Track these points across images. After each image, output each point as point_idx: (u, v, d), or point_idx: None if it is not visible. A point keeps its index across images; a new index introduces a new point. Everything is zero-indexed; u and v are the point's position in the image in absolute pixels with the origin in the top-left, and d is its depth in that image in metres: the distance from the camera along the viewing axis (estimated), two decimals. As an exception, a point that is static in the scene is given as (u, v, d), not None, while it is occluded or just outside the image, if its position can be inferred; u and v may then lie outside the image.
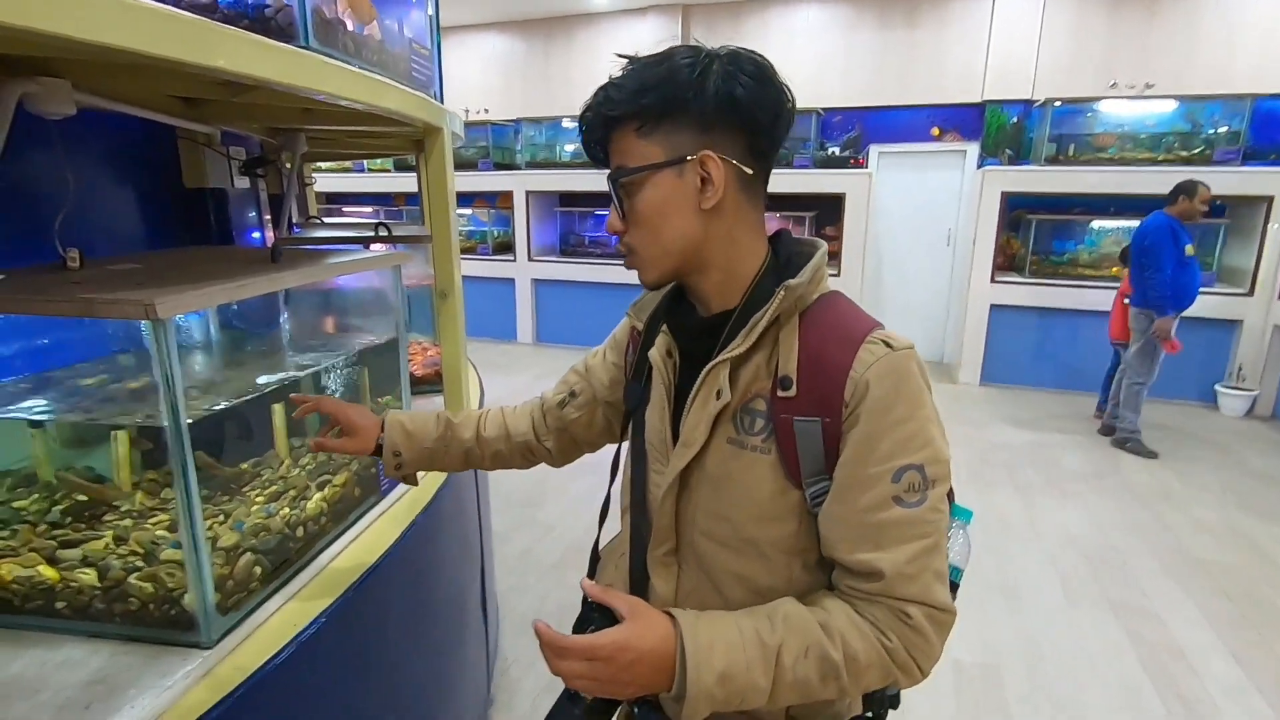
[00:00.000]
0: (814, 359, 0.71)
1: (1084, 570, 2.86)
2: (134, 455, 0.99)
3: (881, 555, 0.67)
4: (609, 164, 0.74)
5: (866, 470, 0.68)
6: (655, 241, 0.73)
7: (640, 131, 0.71)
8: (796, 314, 0.74)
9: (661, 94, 0.69)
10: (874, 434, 0.68)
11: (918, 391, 0.70)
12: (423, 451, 1.01)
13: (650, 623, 0.67)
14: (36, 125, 1.02)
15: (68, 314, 0.76)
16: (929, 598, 0.68)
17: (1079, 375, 5.27)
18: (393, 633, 1.24)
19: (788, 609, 0.69)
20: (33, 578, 0.90)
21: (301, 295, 1.54)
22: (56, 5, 0.59)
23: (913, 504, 0.68)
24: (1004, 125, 5.57)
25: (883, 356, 0.69)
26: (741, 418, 0.74)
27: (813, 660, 0.66)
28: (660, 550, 0.80)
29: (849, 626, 0.68)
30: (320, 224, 2.83)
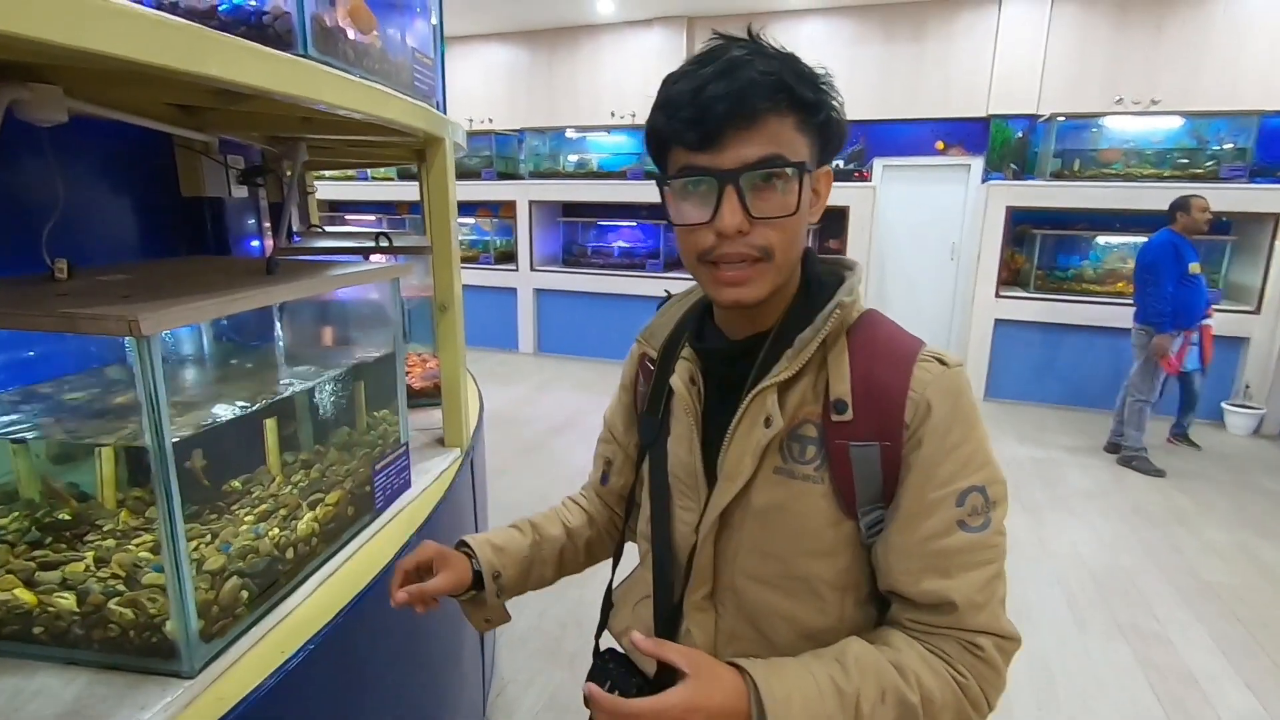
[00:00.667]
0: (867, 380, 0.67)
1: (1092, 591, 2.81)
2: (119, 473, 0.96)
3: (950, 584, 0.64)
4: (707, 141, 0.63)
5: (929, 495, 0.65)
6: (789, 248, 0.67)
7: (802, 125, 0.64)
8: (843, 333, 0.70)
9: (825, 95, 0.65)
10: (936, 456, 0.65)
11: (973, 409, 0.67)
12: (521, 564, 0.88)
13: (718, 678, 0.61)
14: (28, 132, 0.99)
15: (48, 329, 0.73)
16: (998, 627, 0.65)
17: (1084, 392, 5.23)
18: (386, 655, 1.20)
19: (857, 650, 0.64)
20: (9, 601, 0.86)
21: (299, 307, 1.51)
22: (42, 10, 0.57)
23: (977, 528, 0.65)
24: (1009, 140, 5.56)
25: (940, 374, 0.67)
26: (790, 445, 0.69)
27: (890, 705, 0.61)
28: (698, 594, 0.75)
29: (921, 665, 0.63)
30: (322, 233, 2.81)
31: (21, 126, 0.94)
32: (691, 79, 0.63)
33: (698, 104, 0.62)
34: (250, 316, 1.34)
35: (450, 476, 1.51)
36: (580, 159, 6.80)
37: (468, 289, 7.54)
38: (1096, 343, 5.12)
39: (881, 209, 5.96)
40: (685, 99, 0.62)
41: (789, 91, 0.62)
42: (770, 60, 0.63)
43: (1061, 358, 5.30)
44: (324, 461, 1.18)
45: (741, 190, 0.63)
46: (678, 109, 0.63)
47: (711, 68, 0.62)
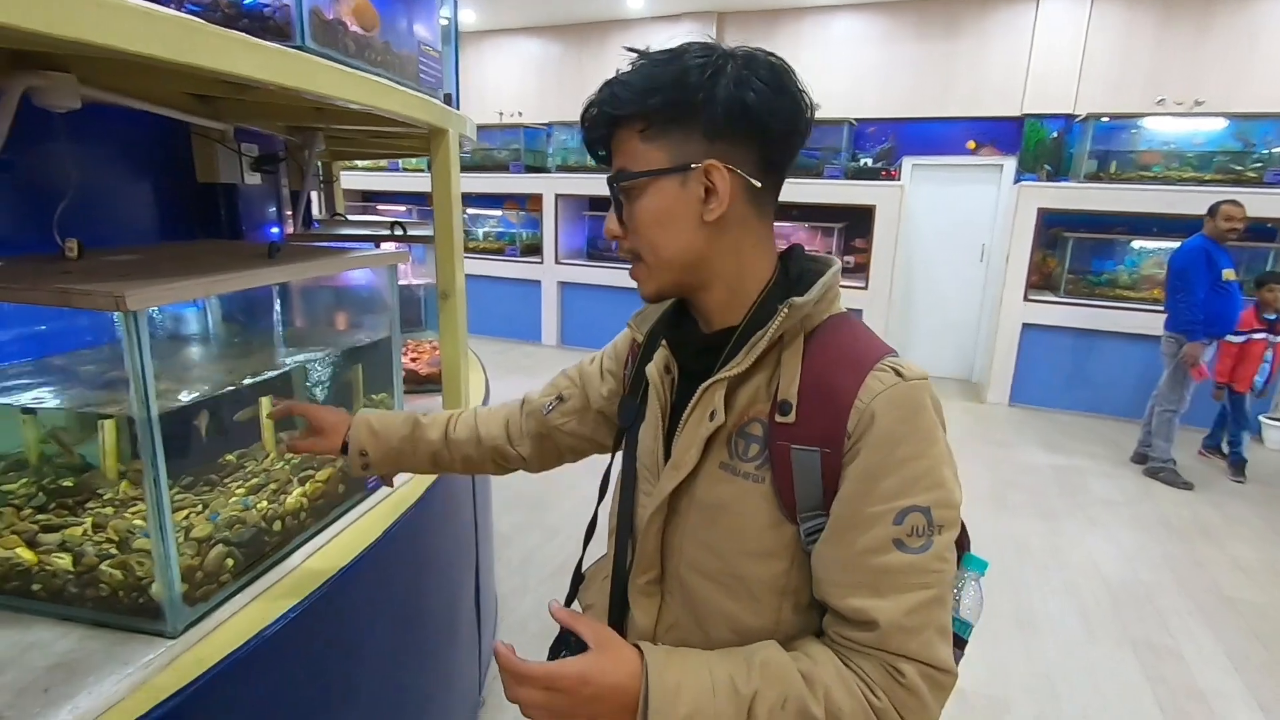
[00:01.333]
0: (817, 384, 0.66)
1: (1106, 604, 2.75)
2: (121, 444, 1.01)
3: (879, 604, 0.62)
4: (610, 164, 0.71)
5: (866, 509, 0.63)
6: (653, 251, 0.69)
7: (644, 134, 0.66)
8: (802, 334, 0.69)
9: (669, 96, 0.65)
10: (877, 469, 0.63)
11: (929, 427, 0.64)
12: (389, 451, 0.99)
13: (617, 657, 0.63)
14: (44, 118, 1.05)
15: (42, 303, 0.77)
16: (927, 655, 0.62)
17: (1113, 400, 5.09)
18: (374, 630, 1.24)
19: (767, 654, 0.64)
20: (11, 559, 0.92)
21: (307, 292, 1.56)
22: (32, 2, 0.60)
23: (916, 549, 0.62)
24: (1043, 140, 5.42)
25: (892, 385, 0.64)
26: (736, 442, 0.69)
27: (790, 714, 0.61)
28: (643, 578, 0.76)
29: (835, 680, 0.62)
30: (343, 221, 2.89)
31: (39, 112, 0.99)
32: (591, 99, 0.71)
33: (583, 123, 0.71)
34: (256, 299, 1.40)
35: (446, 460, 1.54)
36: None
37: (494, 281, 7.59)
38: (1128, 350, 4.98)
39: (909, 208, 5.86)
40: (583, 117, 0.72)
41: (631, 104, 0.66)
42: (641, 71, 0.67)
43: (1091, 364, 5.16)
44: (318, 440, 1.23)
45: (619, 200, 0.70)
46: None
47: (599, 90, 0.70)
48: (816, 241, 6.10)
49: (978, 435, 4.70)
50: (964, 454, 4.32)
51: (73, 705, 0.76)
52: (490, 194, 7.16)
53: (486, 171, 7.04)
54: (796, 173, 5.82)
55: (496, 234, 7.51)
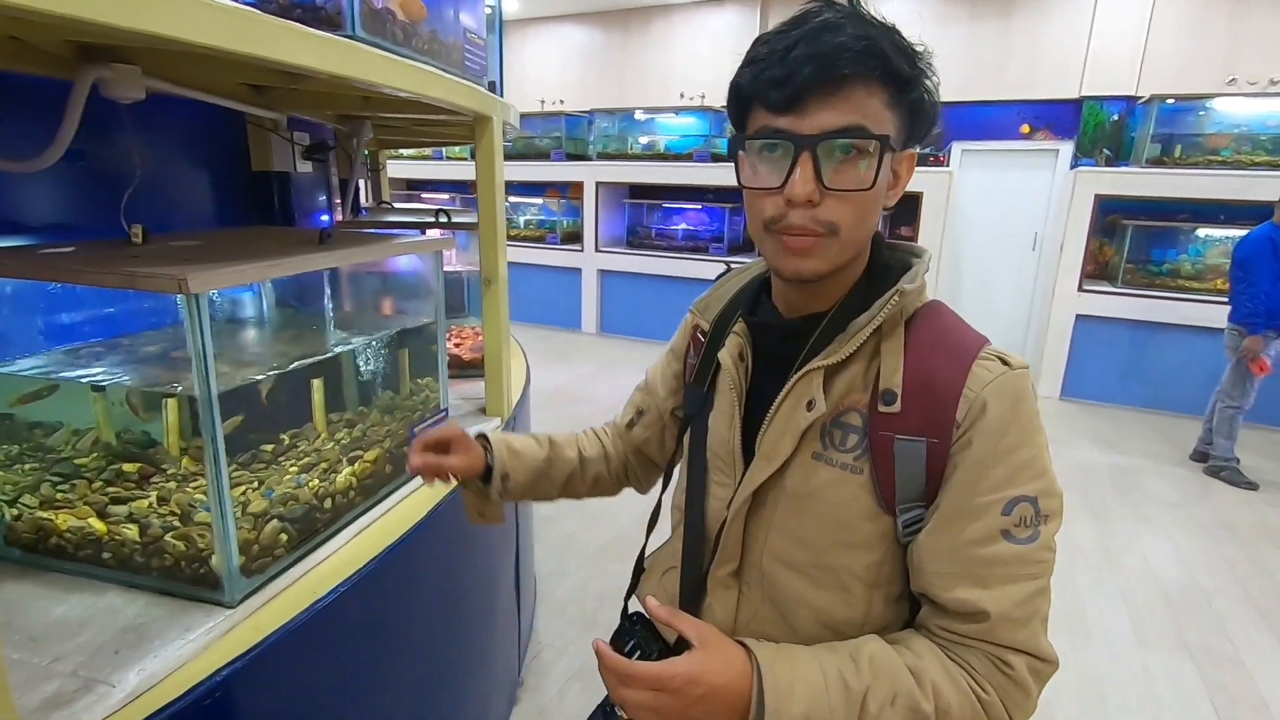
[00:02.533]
0: (921, 373, 0.64)
1: (1161, 609, 2.65)
2: (183, 422, 1.06)
3: (987, 595, 0.61)
4: (790, 103, 0.60)
5: (975, 499, 0.62)
6: (858, 225, 0.64)
7: (891, 100, 0.61)
8: (901, 323, 0.67)
9: (922, 74, 0.62)
10: (987, 459, 0.61)
11: (1034, 416, 0.63)
12: (530, 473, 0.92)
13: (725, 656, 0.61)
14: (111, 109, 1.09)
15: (111, 285, 0.81)
16: (1033, 647, 0.62)
17: (1172, 395, 4.88)
18: (418, 607, 1.27)
19: (874, 649, 0.63)
20: (84, 528, 0.97)
21: (356, 277, 1.60)
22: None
23: (1023, 540, 0.61)
24: (1103, 123, 5.19)
25: (1000, 375, 0.63)
26: (831, 431, 0.68)
27: (900, 710, 0.59)
28: (724, 571, 0.74)
29: (942, 674, 0.61)
30: (390, 209, 2.94)
31: (106, 104, 1.03)
32: (783, 39, 0.60)
33: (785, 64, 0.59)
34: (308, 284, 1.44)
35: (489, 444, 1.57)
36: (649, 140, 6.80)
37: (534, 268, 7.65)
38: (1190, 343, 4.76)
39: (958, 195, 5.70)
40: (774, 58, 0.60)
41: (882, 61, 0.59)
42: (867, 26, 0.60)
43: (1149, 358, 4.95)
44: (366, 422, 1.26)
45: (818, 159, 0.60)
46: (765, 67, 0.61)
47: (804, 28, 0.60)
48: (860, 230, 5.99)
49: (1026, 430, 4.56)
50: (1011, 449, 4.21)
51: (140, 667, 0.80)
52: (532, 182, 7.21)
53: (528, 160, 7.09)
54: (841, 159, 5.70)
55: (538, 222, 7.57)
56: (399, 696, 1.21)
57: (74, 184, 1.21)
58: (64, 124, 0.98)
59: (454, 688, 1.48)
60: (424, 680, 1.32)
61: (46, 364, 1.09)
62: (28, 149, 1.01)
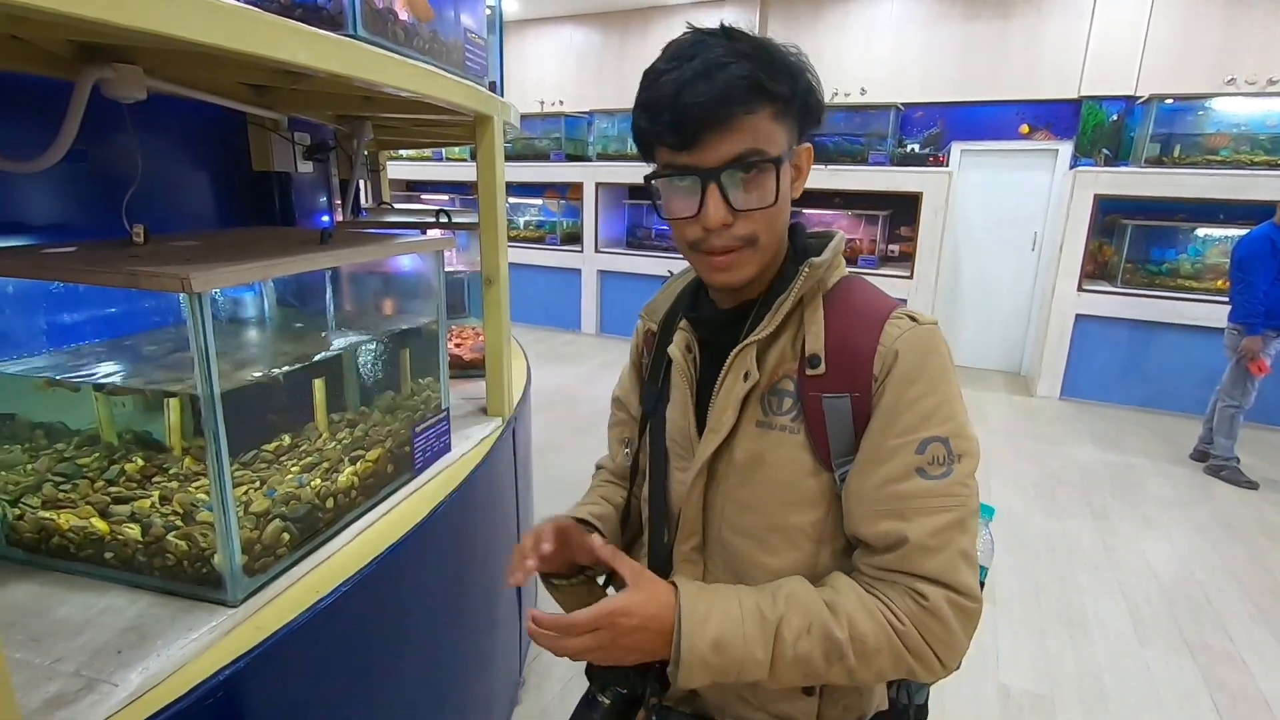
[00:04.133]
0: (841, 336, 0.71)
1: (1160, 605, 2.66)
2: (184, 421, 1.06)
3: (905, 525, 0.65)
4: (687, 144, 0.66)
5: (889, 441, 0.67)
6: (771, 234, 0.71)
7: (778, 115, 0.68)
8: (820, 295, 0.74)
9: (802, 80, 0.69)
10: (897, 405, 0.68)
11: (942, 366, 0.69)
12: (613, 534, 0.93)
13: (653, 590, 0.68)
14: (112, 109, 1.09)
15: (114, 285, 0.81)
16: (950, 578, 0.65)
17: (1172, 395, 4.89)
18: (420, 607, 1.27)
19: (792, 586, 0.69)
20: (86, 528, 0.97)
21: (356, 277, 1.60)
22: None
23: (937, 476, 0.66)
24: (1102, 123, 5.20)
25: (909, 329, 0.70)
26: (769, 399, 0.74)
27: (816, 638, 0.65)
28: (687, 545, 0.80)
29: (857, 606, 0.66)
30: (390, 209, 2.94)
31: (107, 104, 1.03)
32: (670, 82, 0.65)
33: (677, 108, 0.64)
34: (309, 284, 1.44)
35: (490, 443, 1.57)
36: (648, 141, 6.80)
37: (534, 269, 7.64)
38: (1189, 343, 4.77)
39: (958, 195, 5.70)
40: (665, 103, 0.65)
41: (762, 91, 0.65)
42: (744, 60, 0.65)
43: (1149, 357, 4.96)
44: (368, 422, 1.26)
45: (723, 186, 0.67)
46: (659, 112, 0.66)
47: (689, 67, 0.64)
48: (860, 230, 5.99)
49: (1026, 430, 4.57)
50: (1011, 448, 4.21)
51: (143, 666, 0.80)
52: (531, 183, 7.21)
53: (527, 161, 7.09)
54: (840, 159, 5.71)
55: (537, 223, 7.57)
56: (401, 696, 1.21)
57: (75, 184, 1.21)
58: (65, 124, 0.99)
59: (456, 687, 1.48)
60: (426, 680, 1.32)
61: (48, 364, 1.09)
62: (29, 149, 1.01)
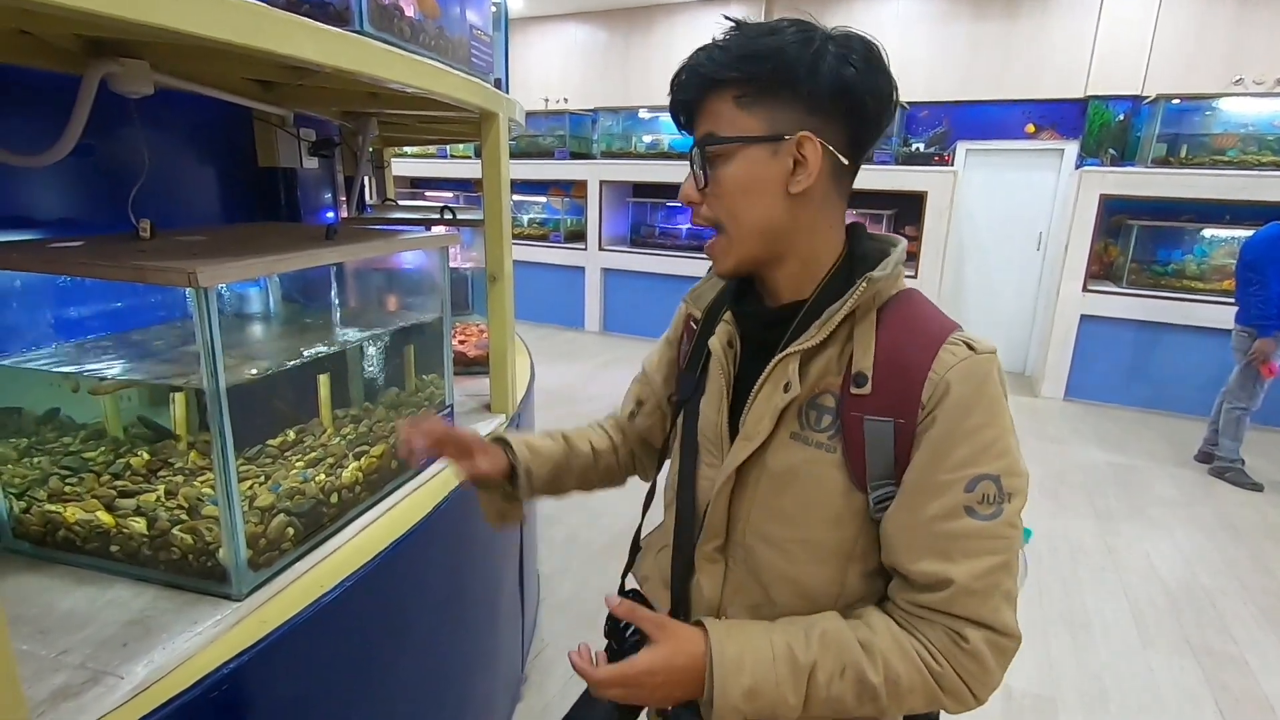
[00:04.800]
0: (891, 357, 0.68)
1: (1164, 607, 2.65)
2: (190, 416, 1.06)
3: (950, 566, 0.63)
4: (690, 130, 0.71)
5: (938, 476, 0.65)
6: (737, 220, 0.70)
7: (740, 100, 0.67)
8: (874, 309, 0.71)
9: (774, 64, 0.65)
10: (950, 438, 0.64)
11: (998, 399, 0.66)
12: (551, 468, 0.93)
13: (679, 641, 0.66)
14: (119, 104, 1.10)
15: (121, 279, 0.81)
16: (994, 620, 0.63)
17: (1177, 396, 4.87)
18: (423, 603, 1.28)
19: (826, 625, 0.67)
20: (92, 521, 0.97)
21: (361, 274, 1.60)
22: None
23: (986, 516, 0.64)
24: (1108, 123, 5.18)
25: (965, 359, 0.65)
26: (808, 413, 0.71)
27: (849, 681, 0.64)
28: (710, 546, 0.78)
29: (893, 647, 0.65)
30: (394, 206, 2.95)
31: (114, 99, 1.04)
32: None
33: (671, 92, 0.72)
34: (314, 280, 1.44)
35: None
36: (653, 139, 6.80)
37: (538, 267, 7.63)
38: (1195, 344, 4.75)
39: (963, 195, 5.69)
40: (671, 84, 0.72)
41: (731, 68, 0.66)
42: (739, 38, 0.67)
43: (1154, 358, 4.94)
44: (372, 417, 1.26)
45: (694, 165, 0.70)
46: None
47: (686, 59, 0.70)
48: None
49: (1031, 430, 4.56)
50: (1015, 449, 4.20)
51: (148, 659, 0.80)
52: (535, 180, 7.21)
53: (532, 158, 7.09)
54: (845, 158, 5.69)
55: (541, 220, 7.57)
56: (404, 691, 1.22)
57: (82, 179, 1.21)
58: (73, 118, 0.99)
59: (458, 683, 1.48)
60: (429, 675, 1.32)
61: (54, 357, 1.09)
62: (37, 144, 1.02)
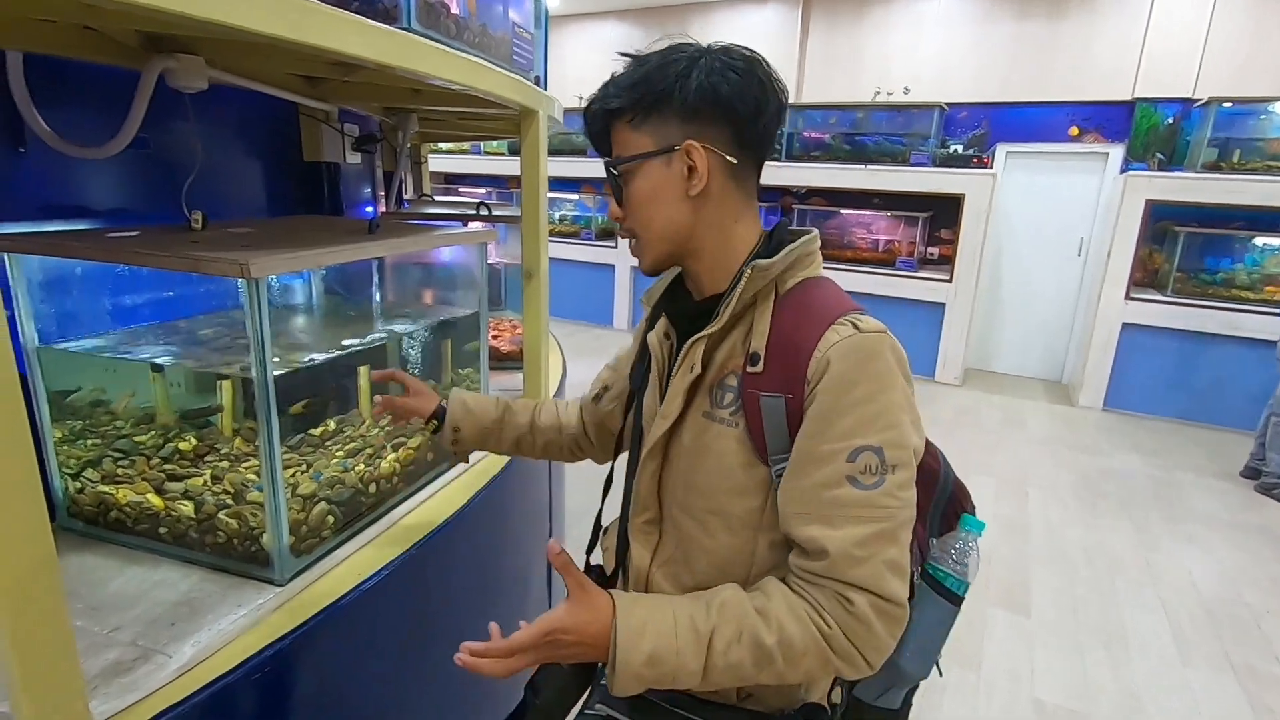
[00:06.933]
0: (784, 338, 0.74)
1: (1204, 624, 2.57)
2: (236, 403, 1.09)
3: (829, 533, 0.67)
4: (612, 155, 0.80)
5: (822, 446, 0.69)
6: (648, 227, 0.78)
7: (633, 123, 0.76)
8: (773, 295, 0.77)
9: (651, 87, 0.74)
10: (832, 411, 0.69)
11: (885, 373, 0.70)
12: (479, 430, 1.07)
13: (591, 604, 0.70)
14: (174, 99, 1.13)
15: (176, 269, 0.84)
16: (876, 586, 0.67)
17: (1223, 409, 4.71)
18: (454, 592, 1.29)
19: (726, 595, 0.71)
20: (142, 504, 1.01)
21: (400, 268, 1.63)
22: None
23: (868, 486, 0.68)
24: (1156, 126, 5.02)
25: (849, 336, 0.70)
26: (716, 392, 0.78)
27: (746, 646, 0.68)
28: (640, 519, 0.84)
29: (786, 611, 0.68)
30: (431, 201, 2.98)
31: (170, 94, 1.07)
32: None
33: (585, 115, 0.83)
34: (354, 273, 1.47)
35: (526, 435, 1.59)
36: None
37: (569, 264, 7.66)
38: (1244, 355, 4.58)
39: (1002, 198, 5.56)
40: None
41: (619, 98, 0.76)
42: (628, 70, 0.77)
43: (1199, 369, 4.78)
44: (409, 409, 1.28)
45: (616, 185, 0.79)
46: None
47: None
48: (899, 231, 5.89)
49: (1066, 440, 4.45)
50: (1050, 458, 4.11)
51: (195, 639, 0.83)
52: (568, 178, 7.24)
53: (565, 156, 7.12)
54: (880, 160, 5.62)
55: (572, 218, 7.60)
56: (434, 676, 1.23)
57: (138, 170, 1.25)
58: (132, 111, 1.02)
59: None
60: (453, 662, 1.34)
61: (109, 344, 1.13)
62: (97, 136, 1.05)
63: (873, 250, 5.92)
